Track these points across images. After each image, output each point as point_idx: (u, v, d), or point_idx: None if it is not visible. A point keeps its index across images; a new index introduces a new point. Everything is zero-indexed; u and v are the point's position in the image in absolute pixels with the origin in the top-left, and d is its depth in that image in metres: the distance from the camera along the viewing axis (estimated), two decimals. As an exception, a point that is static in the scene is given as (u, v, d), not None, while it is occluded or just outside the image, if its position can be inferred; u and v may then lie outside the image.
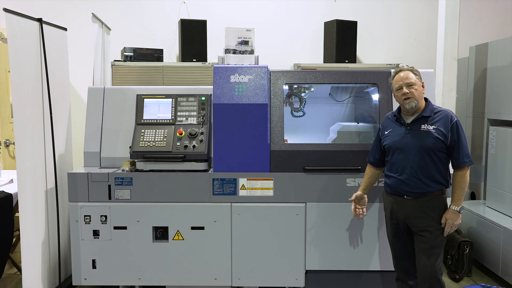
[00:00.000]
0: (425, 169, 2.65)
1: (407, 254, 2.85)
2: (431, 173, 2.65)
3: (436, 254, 2.70)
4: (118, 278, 3.26)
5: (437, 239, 2.69)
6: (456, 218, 2.66)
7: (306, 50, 5.08)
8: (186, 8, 4.96)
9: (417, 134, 2.68)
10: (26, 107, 3.04)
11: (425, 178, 2.66)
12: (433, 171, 2.65)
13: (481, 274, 3.94)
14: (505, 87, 3.98)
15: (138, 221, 3.20)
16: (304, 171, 3.18)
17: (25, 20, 3.03)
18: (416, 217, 2.71)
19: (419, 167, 2.66)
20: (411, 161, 2.67)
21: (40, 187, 3.20)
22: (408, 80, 2.69)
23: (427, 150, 2.64)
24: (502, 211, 3.95)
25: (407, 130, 2.72)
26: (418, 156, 2.65)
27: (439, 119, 2.67)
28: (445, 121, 2.65)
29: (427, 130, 2.65)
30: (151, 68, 4.27)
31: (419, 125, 2.69)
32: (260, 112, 3.18)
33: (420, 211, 2.70)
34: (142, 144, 3.23)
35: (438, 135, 2.62)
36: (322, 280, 3.29)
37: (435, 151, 2.64)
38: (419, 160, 2.65)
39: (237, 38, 3.60)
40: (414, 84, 2.69)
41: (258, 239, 3.22)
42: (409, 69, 2.75)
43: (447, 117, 2.66)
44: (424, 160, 2.65)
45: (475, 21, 5.17)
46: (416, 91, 2.68)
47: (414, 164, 2.66)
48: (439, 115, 2.68)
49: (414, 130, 2.70)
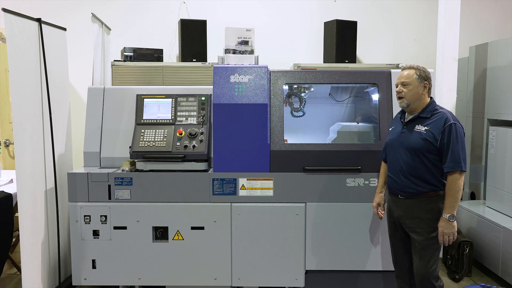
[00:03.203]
0: (414, 169, 2.64)
1: (404, 253, 2.85)
2: (421, 174, 2.63)
3: (427, 256, 2.66)
4: (118, 278, 3.26)
5: (427, 241, 2.65)
6: (447, 226, 2.56)
7: (306, 50, 5.09)
8: (186, 8, 4.96)
9: (410, 134, 2.68)
10: (25, 107, 3.04)
11: (414, 178, 2.65)
12: (423, 172, 2.63)
13: (481, 274, 3.94)
14: (505, 87, 3.98)
15: (138, 221, 3.20)
16: (304, 171, 3.18)
17: (24, 20, 3.03)
18: (407, 217, 2.71)
19: (408, 166, 2.66)
20: (401, 160, 2.69)
21: (40, 188, 3.20)
22: (404, 79, 2.68)
23: (415, 151, 2.62)
24: (502, 211, 3.95)
25: (403, 129, 2.73)
26: (407, 156, 2.66)
27: (433, 121, 2.63)
28: (438, 123, 2.60)
29: (418, 131, 2.64)
30: (151, 68, 4.26)
31: (414, 126, 2.68)
32: (260, 112, 3.18)
33: (410, 211, 2.69)
34: (142, 144, 3.23)
35: (427, 137, 2.59)
36: (322, 280, 3.29)
37: (424, 153, 2.61)
38: (408, 160, 2.66)
39: (237, 38, 3.60)
40: (408, 84, 2.66)
41: (258, 239, 3.22)
42: (413, 68, 2.69)
43: (441, 119, 2.60)
44: (413, 160, 2.64)
45: (475, 21, 5.17)
46: (410, 91, 2.65)
47: (404, 164, 2.68)
48: (436, 117, 2.64)
49: (408, 130, 2.70)
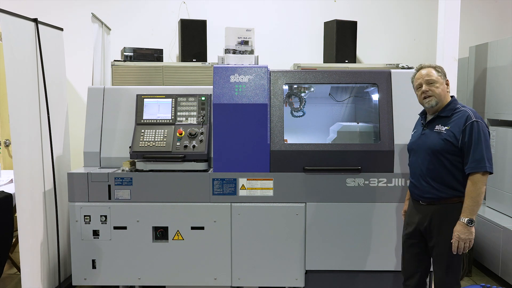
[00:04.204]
0: (434, 172, 2.51)
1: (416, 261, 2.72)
2: (443, 178, 2.50)
3: (449, 267, 2.52)
4: (118, 278, 3.26)
5: (447, 249, 2.50)
6: (464, 231, 2.40)
7: (306, 50, 5.08)
8: (186, 8, 4.96)
9: (429, 135, 2.56)
10: (23, 108, 3.03)
11: (435, 182, 2.51)
12: (445, 176, 2.49)
13: (481, 274, 3.94)
14: (505, 87, 3.98)
15: (138, 221, 3.20)
16: (304, 171, 3.18)
17: (20, 21, 3.02)
18: (429, 225, 2.57)
19: (428, 170, 2.53)
20: (420, 163, 2.57)
21: (38, 188, 3.20)
22: (429, 77, 2.55)
23: (435, 152, 2.49)
24: (502, 211, 3.95)
25: (423, 131, 2.61)
26: (426, 159, 2.54)
27: (454, 120, 2.50)
28: (459, 121, 2.46)
29: (439, 131, 2.51)
30: (151, 68, 4.26)
31: (434, 126, 2.56)
32: (260, 112, 3.18)
33: (432, 219, 2.55)
34: (142, 144, 3.23)
35: (448, 137, 2.47)
36: (322, 280, 3.29)
37: (445, 154, 2.48)
38: (427, 163, 2.53)
39: (237, 38, 3.59)
40: (435, 82, 2.54)
41: (258, 239, 3.22)
42: (432, 66, 2.60)
43: (463, 118, 2.46)
44: (433, 163, 2.51)
45: (475, 21, 5.17)
46: (438, 88, 2.53)
47: (423, 167, 2.55)
48: (457, 115, 2.50)
49: (428, 131, 2.58)
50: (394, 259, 3.24)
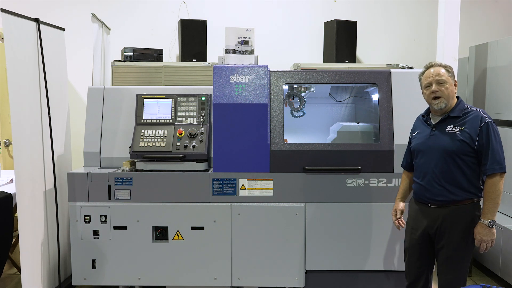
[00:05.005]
0: (448, 174, 2.45)
1: (421, 265, 2.67)
2: (457, 180, 2.44)
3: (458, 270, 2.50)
4: (118, 278, 3.26)
5: (458, 253, 2.48)
6: (487, 233, 2.38)
7: (306, 50, 5.08)
8: (186, 8, 4.96)
9: (442, 136, 2.47)
10: (24, 107, 3.03)
11: (449, 185, 2.45)
12: (458, 177, 2.43)
13: (481, 274, 3.94)
14: (505, 87, 3.98)
15: (138, 221, 3.20)
16: (304, 171, 3.18)
17: (22, 21, 3.02)
18: (438, 228, 2.51)
19: (442, 172, 2.46)
20: (433, 165, 2.48)
21: (39, 188, 3.20)
22: (439, 76, 2.46)
23: (450, 154, 2.42)
24: (502, 211, 3.95)
25: (432, 132, 2.53)
26: (440, 161, 2.45)
27: (467, 120, 2.43)
28: (474, 122, 2.40)
29: (452, 132, 2.44)
30: (151, 68, 4.26)
31: (445, 126, 2.48)
32: (260, 112, 3.18)
33: (442, 221, 2.49)
34: (142, 144, 3.23)
35: (464, 138, 2.40)
36: (322, 280, 3.29)
37: (460, 155, 2.41)
38: (441, 165, 2.45)
39: (237, 38, 3.59)
40: (445, 82, 2.46)
41: (258, 239, 3.22)
42: (442, 65, 2.50)
43: (477, 118, 2.41)
44: (447, 164, 2.44)
45: (475, 21, 5.17)
46: (447, 89, 2.46)
47: (436, 169, 2.47)
48: (469, 116, 2.44)
49: (439, 131, 2.50)
50: (394, 259, 3.25)
